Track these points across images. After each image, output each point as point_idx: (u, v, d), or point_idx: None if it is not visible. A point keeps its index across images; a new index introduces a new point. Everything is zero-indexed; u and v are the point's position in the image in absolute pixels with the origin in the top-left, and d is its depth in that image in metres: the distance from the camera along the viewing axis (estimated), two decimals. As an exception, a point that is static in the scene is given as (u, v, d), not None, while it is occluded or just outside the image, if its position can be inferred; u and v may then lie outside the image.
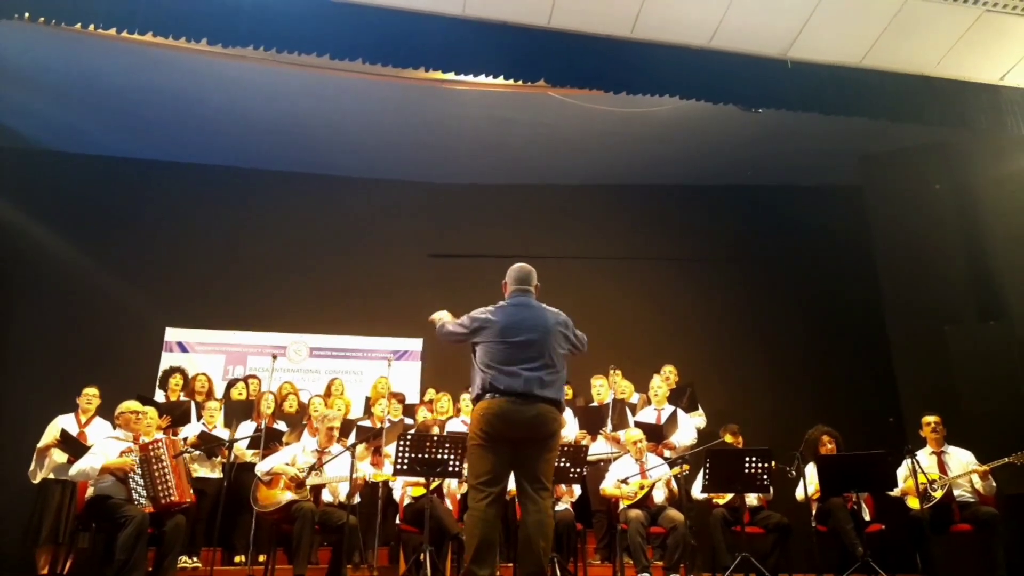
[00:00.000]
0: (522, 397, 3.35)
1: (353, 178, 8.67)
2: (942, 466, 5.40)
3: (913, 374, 7.16)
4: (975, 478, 5.20)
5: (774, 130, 7.33)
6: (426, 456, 4.66)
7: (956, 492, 5.26)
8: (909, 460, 5.23)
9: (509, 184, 8.78)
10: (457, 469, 4.72)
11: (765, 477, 4.95)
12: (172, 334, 7.98)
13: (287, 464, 5.09)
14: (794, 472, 5.33)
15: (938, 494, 5.22)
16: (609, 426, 6.06)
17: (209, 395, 6.48)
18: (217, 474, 5.88)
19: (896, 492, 5.31)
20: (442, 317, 3.83)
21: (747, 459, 4.94)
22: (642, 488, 5.32)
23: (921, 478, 5.19)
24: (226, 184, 8.47)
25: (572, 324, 3.67)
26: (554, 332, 3.53)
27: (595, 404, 6.39)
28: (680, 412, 6.05)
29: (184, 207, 8.35)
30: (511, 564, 5.03)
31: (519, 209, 8.77)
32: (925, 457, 5.46)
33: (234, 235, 8.37)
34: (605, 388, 6.43)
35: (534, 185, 8.80)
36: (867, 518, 5.30)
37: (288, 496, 4.91)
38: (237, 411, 6.22)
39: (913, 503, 5.28)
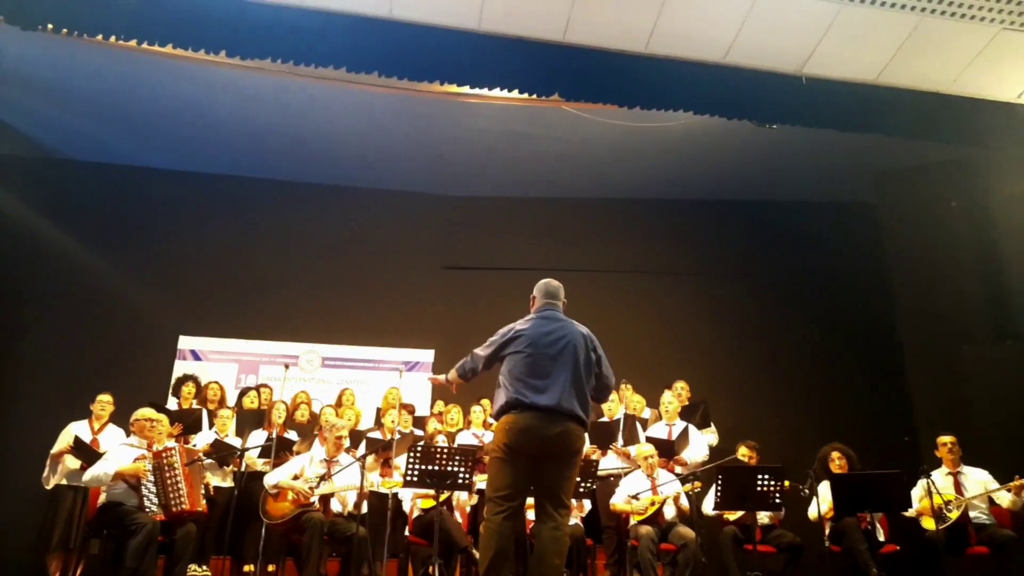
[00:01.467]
0: (548, 413, 3.34)
1: (367, 189, 8.72)
2: (958, 486, 5.34)
3: (928, 393, 7.08)
4: (1004, 494, 5.12)
5: (788, 146, 7.31)
6: (436, 468, 4.65)
7: (972, 513, 5.19)
8: (924, 480, 5.17)
9: (522, 197, 8.81)
10: (467, 481, 4.71)
11: (777, 495, 4.91)
12: (185, 342, 8.03)
13: (295, 476, 5.10)
14: (807, 491, 5.28)
15: (954, 515, 5.16)
16: (620, 441, 6.02)
17: (221, 403, 6.51)
18: (228, 483, 5.89)
19: (911, 512, 5.24)
20: (447, 376, 3.80)
21: (759, 476, 4.90)
22: (653, 504, 5.29)
23: (936, 499, 5.12)
24: (241, 194, 8.54)
25: (601, 347, 3.65)
26: (583, 348, 3.53)
27: (606, 419, 6.36)
28: (692, 428, 6.01)
29: (199, 216, 8.42)
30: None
31: (532, 222, 8.78)
32: (941, 477, 5.39)
33: (248, 244, 8.43)
34: (616, 403, 6.40)
35: (547, 199, 8.82)
36: (881, 538, 5.23)
37: (296, 509, 4.92)
38: (249, 420, 6.23)
39: (928, 524, 5.21)
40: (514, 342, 3.51)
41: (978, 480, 5.32)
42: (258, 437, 6.06)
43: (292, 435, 6.12)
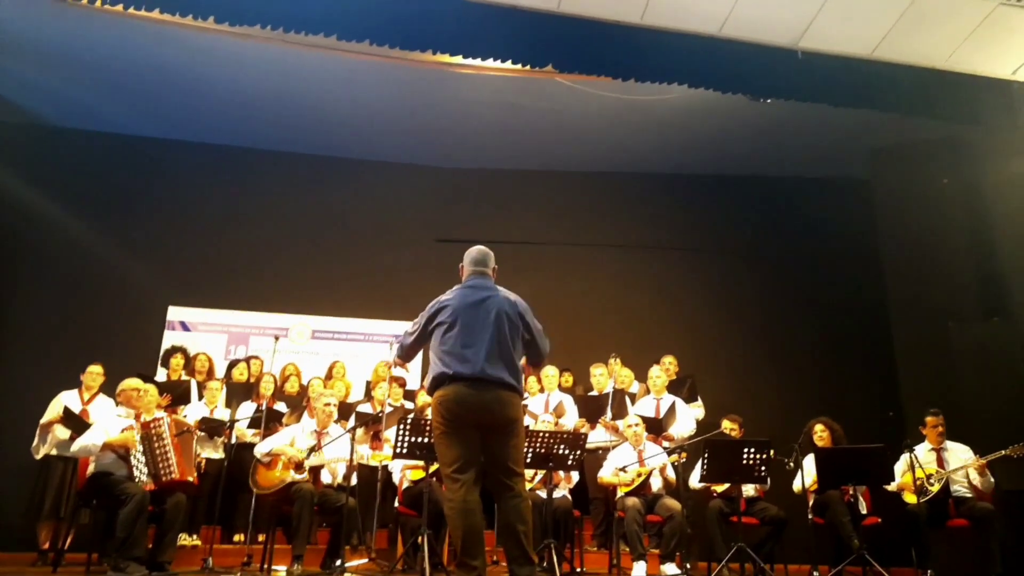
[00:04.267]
0: (476, 382, 3.30)
1: (360, 160, 8.64)
2: (940, 461, 5.41)
3: (915, 369, 7.14)
4: (972, 473, 5.21)
5: (783, 121, 7.28)
6: (425, 440, 4.68)
7: (953, 487, 5.27)
8: (907, 454, 5.24)
9: (516, 170, 8.75)
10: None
11: (763, 468, 4.97)
12: (175, 313, 8.01)
13: (287, 445, 5.13)
14: (792, 464, 5.35)
15: (935, 488, 5.23)
16: (608, 414, 6.07)
17: (210, 375, 6.52)
18: (219, 454, 5.93)
19: (893, 487, 5.32)
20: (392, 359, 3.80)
21: (745, 450, 4.96)
22: (640, 476, 5.35)
23: (919, 472, 5.20)
24: (232, 164, 8.46)
25: (531, 312, 3.60)
26: (511, 314, 3.48)
27: (595, 393, 6.40)
28: (679, 402, 6.06)
29: (189, 186, 8.34)
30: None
31: (526, 195, 8.75)
32: (923, 452, 5.46)
33: (239, 215, 8.37)
34: (605, 377, 6.44)
35: (541, 172, 8.77)
36: (864, 511, 5.31)
37: (287, 477, 4.95)
38: (238, 391, 6.26)
39: (910, 498, 5.30)
40: (440, 313, 3.47)
41: (960, 456, 5.39)
42: (247, 409, 6.09)
43: (281, 407, 6.15)
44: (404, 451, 4.73)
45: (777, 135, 7.69)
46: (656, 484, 5.38)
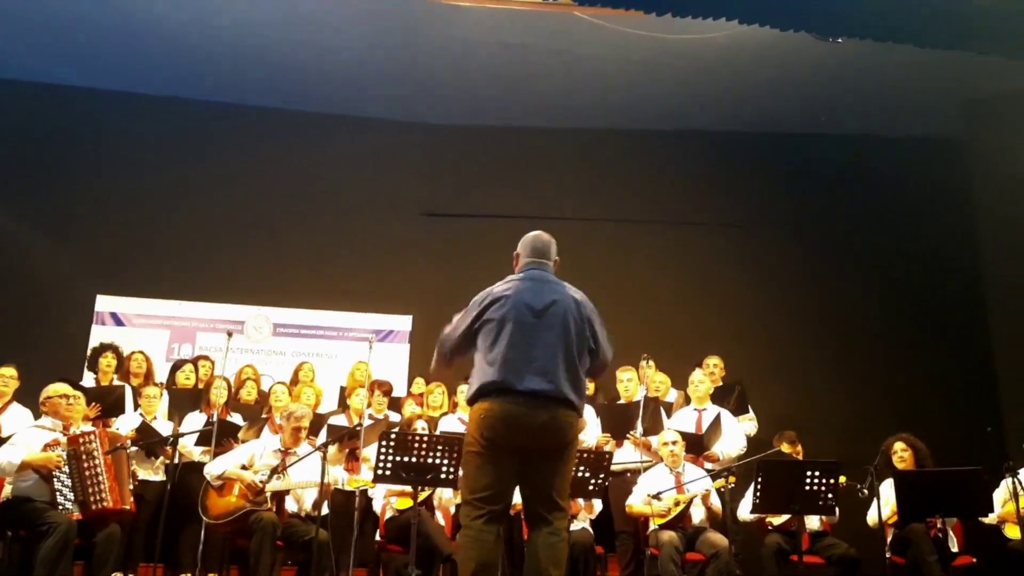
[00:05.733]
0: (533, 398, 3.33)
1: (331, 116, 8.64)
2: (1050, 488, 5.40)
3: (1019, 373, 7.13)
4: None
5: (856, 66, 7.25)
6: (414, 460, 4.69)
7: (1066, 520, 5.26)
8: (1009, 479, 5.22)
9: (523, 127, 8.73)
10: (452, 477, 4.75)
11: (830, 496, 4.96)
12: (104, 303, 8.02)
13: (243, 467, 5.14)
14: (866, 491, 5.34)
15: (1044, 522, 5.23)
16: (639, 429, 6.07)
17: (148, 379, 6.52)
18: (159, 476, 5.95)
19: (992, 518, 5.31)
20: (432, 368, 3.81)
21: (808, 473, 4.94)
22: (677, 505, 5.35)
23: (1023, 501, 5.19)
24: (174, 120, 8.46)
25: (598, 314, 3.63)
26: (576, 316, 3.51)
27: (622, 402, 6.40)
28: (726, 414, 6.06)
29: (122, 147, 8.34)
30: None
31: (534, 158, 8.74)
32: (1030, 476, 5.45)
33: (183, 183, 8.37)
34: (635, 383, 6.43)
35: (553, 130, 8.75)
36: (954, 549, 5.30)
37: (245, 505, 4.97)
38: (183, 400, 6.27)
39: (1012, 532, 5.29)
40: (492, 308, 3.47)
41: (1075, 480, 5.37)
42: (194, 421, 6.09)
43: (236, 419, 6.15)
44: (387, 474, 4.73)
45: (848, 84, 7.65)
46: (698, 515, 5.38)
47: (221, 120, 8.54)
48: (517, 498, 3.60)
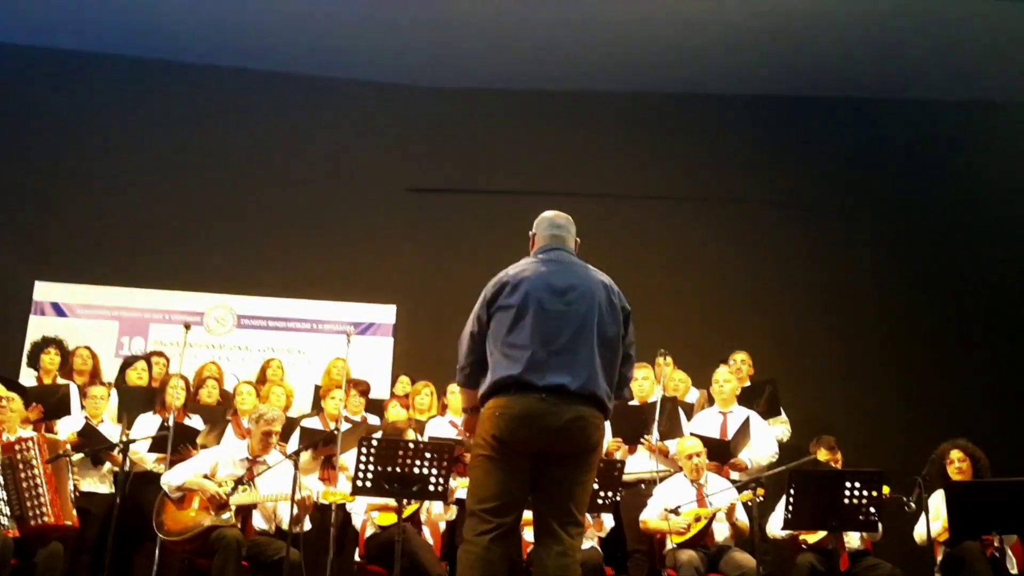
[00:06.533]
0: (556, 394, 3.32)
1: (302, 77, 8.63)
2: (1121, 500, 5.42)
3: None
4: None
5: (909, 18, 7.24)
6: (398, 470, 4.69)
7: None
8: (1075, 491, 5.24)
9: (522, 90, 8.71)
10: (441, 488, 4.76)
11: (872, 510, 4.97)
12: (43, 291, 8.01)
13: (205, 476, 5.14)
14: (914, 504, 5.35)
15: (1114, 539, 5.25)
16: (655, 434, 6.08)
17: (94, 377, 6.53)
18: (107, 487, 5.95)
19: (1054, 535, 5.34)
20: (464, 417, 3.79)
21: (848, 484, 4.95)
22: (699, 520, 5.35)
23: (1092, 517, 5.20)
24: (120, 83, 8.44)
25: (623, 296, 3.63)
26: (604, 301, 3.50)
27: (636, 403, 6.41)
28: (755, 417, 6.07)
29: (62, 113, 8.33)
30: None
31: (534, 126, 8.74)
32: (1098, 487, 5.47)
33: (133, 155, 8.34)
34: (650, 382, 6.44)
35: (556, 92, 8.74)
36: (1013, 571, 5.32)
37: (206, 519, 4.97)
38: (134, 400, 6.26)
39: (1078, 551, 5.32)
40: (506, 292, 3.46)
41: None
42: (147, 424, 6.09)
43: (196, 422, 6.16)
44: (368, 485, 4.74)
45: (901, 39, 7.63)
46: (721, 532, 5.39)
47: (177, 83, 8.52)
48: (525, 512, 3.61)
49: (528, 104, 8.77)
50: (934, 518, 5.32)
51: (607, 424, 6.10)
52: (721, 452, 5.81)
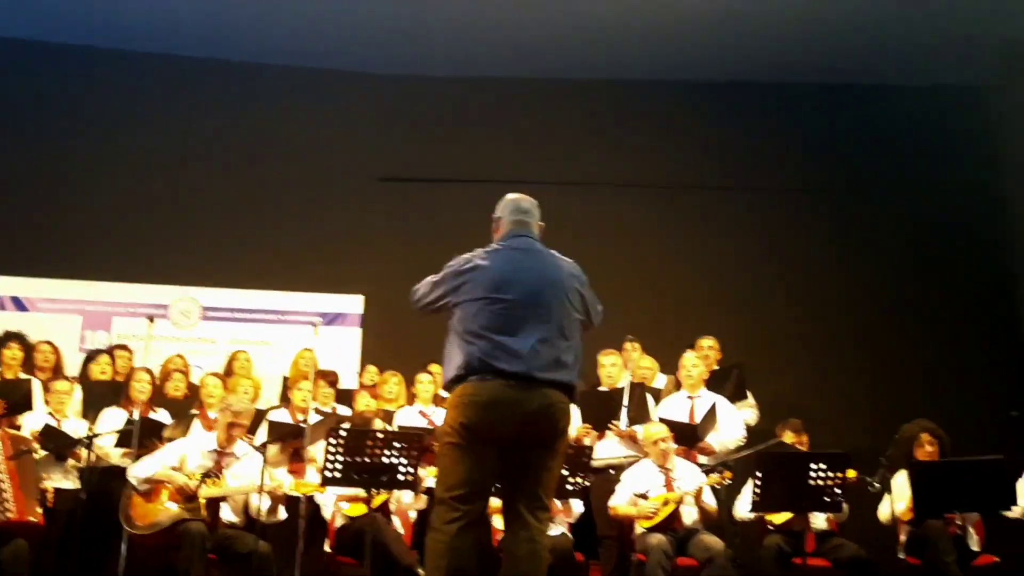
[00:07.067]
0: (523, 381, 3.37)
1: (269, 67, 8.57)
2: (1080, 477, 5.55)
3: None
4: None
5: (866, 3, 7.27)
6: (367, 460, 4.71)
7: (1099, 513, 5.40)
8: (1035, 469, 5.36)
9: (490, 79, 8.71)
10: (411, 478, 4.78)
11: (838, 491, 5.04)
12: (4, 285, 7.93)
13: (173, 468, 5.12)
14: (878, 484, 5.43)
15: (1073, 516, 5.37)
16: (623, 419, 6.13)
17: (57, 372, 6.48)
18: (72, 483, 5.92)
19: (1016, 512, 5.41)
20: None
21: (814, 466, 5.02)
22: (666, 504, 5.41)
23: (1050, 493, 5.32)
24: (83, 72, 8.35)
25: (587, 282, 3.70)
26: (569, 289, 3.56)
27: (604, 389, 6.46)
28: (723, 402, 6.13)
29: (21, 105, 8.23)
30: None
31: (503, 114, 8.73)
32: (1057, 465, 5.59)
33: (96, 146, 8.27)
34: (618, 368, 6.48)
35: (527, 80, 8.73)
36: (975, 548, 5.43)
37: (175, 512, 4.96)
38: (99, 395, 6.22)
39: (1038, 527, 5.43)
40: (467, 284, 3.50)
41: (1108, 469, 5.52)
42: (113, 419, 6.06)
43: (163, 416, 6.14)
44: (337, 476, 4.75)
45: (866, 26, 7.70)
46: (690, 515, 5.45)
47: (140, 74, 8.43)
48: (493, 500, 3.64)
49: (497, 93, 8.75)
50: (898, 498, 5.42)
51: (576, 410, 6.22)
52: (689, 436, 5.85)
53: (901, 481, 5.43)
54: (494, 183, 7.96)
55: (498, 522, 4.65)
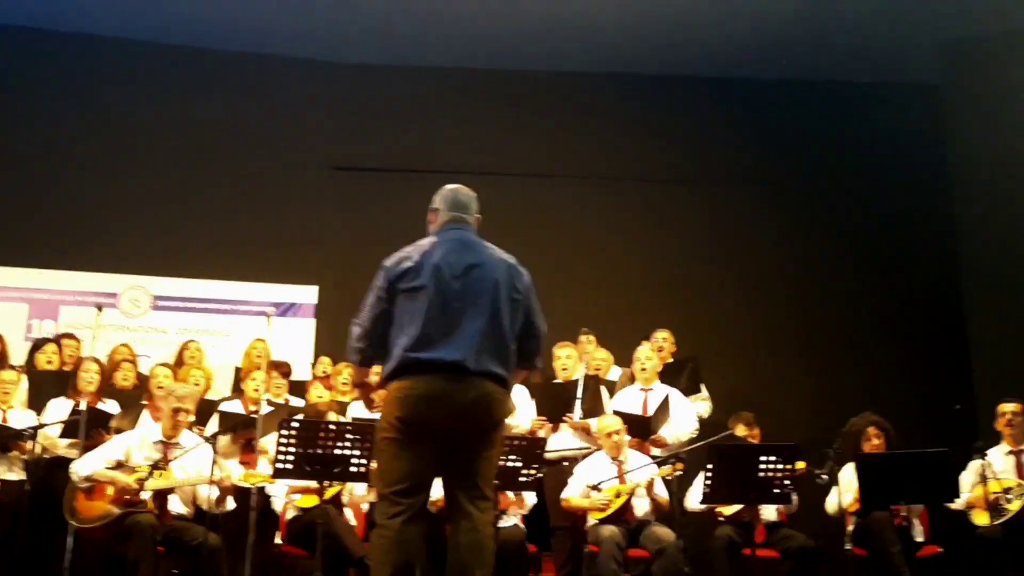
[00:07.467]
0: (457, 373, 3.38)
1: (224, 52, 8.50)
2: (1021, 469, 5.67)
3: (994, 346, 7.42)
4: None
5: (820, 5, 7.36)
6: (319, 452, 4.70)
7: (1038, 504, 5.54)
8: (978, 461, 5.48)
9: (447, 68, 8.72)
10: (363, 470, 4.78)
11: (788, 483, 5.12)
12: (-53, 273, 7.81)
13: (117, 463, 5.06)
14: (826, 476, 5.52)
15: (1014, 506, 5.47)
16: (577, 411, 6.17)
17: (2, 361, 6.39)
18: (17, 474, 5.84)
19: (959, 504, 5.55)
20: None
21: (763, 458, 5.09)
22: (619, 496, 5.46)
23: (993, 485, 5.44)
24: (29, 55, 8.22)
25: (530, 284, 3.69)
26: (508, 285, 3.56)
27: (559, 381, 6.49)
28: (676, 394, 6.18)
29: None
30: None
31: (458, 104, 8.74)
32: (1000, 457, 5.71)
33: (42, 131, 8.16)
34: (573, 360, 6.51)
35: (480, 70, 8.76)
36: (919, 539, 5.54)
37: (117, 510, 4.92)
38: (45, 385, 6.15)
39: (980, 518, 5.53)
40: (407, 275, 3.49)
41: (1049, 461, 5.66)
42: (60, 409, 5.99)
43: (110, 406, 6.07)
44: (289, 468, 4.74)
45: (811, 24, 7.81)
46: (642, 507, 5.50)
47: (89, 56, 8.32)
48: (439, 492, 3.66)
49: (453, 83, 8.75)
50: (845, 490, 5.50)
51: (532, 401, 6.25)
52: (642, 428, 5.91)
53: (848, 473, 5.51)
54: (448, 173, 7.99)
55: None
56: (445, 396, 3.37)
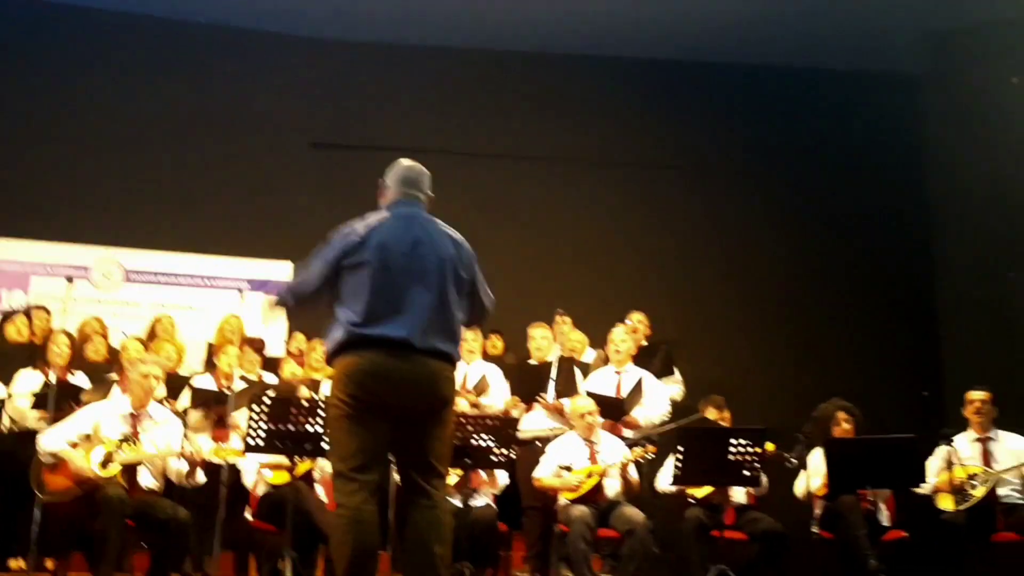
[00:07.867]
0: (404, 350, 3.38)
1: (203, 25, 8.44)
2: (986, 456, 5.77)
3: (964, 334, 7.53)
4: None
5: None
6: (291, 428, 4.70)
7: (1001, 491, 5.61)
8: (945, 447, 5.56)
9: (426, 47, 8.68)
10: (335, 446, 4.78)
11: (757, 465, 5.19)
12: (-88, 243, 7.75)
13: (87, 436, 5.02)
14: (795, 460, 5.59)
15: (978, 493, 5.57)
16: (551, 392, 6.20)
17: (-29, 333, 6.35)
18: (-17, 447, 5.82)
19: (925, 489, 5.63)
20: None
21: (733, 441, 5.15)
22: (590, 477, 5.50)
23: (958, 471, 5.53)
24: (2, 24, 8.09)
25: (475, 261, 3.69)
26: (454, 261, 3.56)
27: (533, 362, 6.52)
28: (649, 377, 6.23)
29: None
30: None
31: (439, 83, 8.73)
32: (966, 444, 5.79)
33: (15, 100, 8.08)
34: (548, 341, 6.54)
35: (460, 49, 8.73)
36: (885, 523, 5.61)
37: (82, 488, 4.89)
38: (15, 357, 6.14)
39: (946, 503, 5.64)
40: (354, 251, 3.48)
41: (1012, 449, 5.73)
42: (29, 381, 5.97)
43: (80, 379, 6.05)
44: (260, 443, 4.74)
45: (793, 10, 7.84)
46: (613, 488, 5.54)
47: (62, 27, 8.23)
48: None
49: (432, 62, 8.72)
50: (814, 474, 5.57)
51: (506, 382, 6.28)
52: (615, 410, 5.95)
53: (817, 457, 5.57)
54: (424, 152, 7.99)
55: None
56: (390, 373, 3.36)
